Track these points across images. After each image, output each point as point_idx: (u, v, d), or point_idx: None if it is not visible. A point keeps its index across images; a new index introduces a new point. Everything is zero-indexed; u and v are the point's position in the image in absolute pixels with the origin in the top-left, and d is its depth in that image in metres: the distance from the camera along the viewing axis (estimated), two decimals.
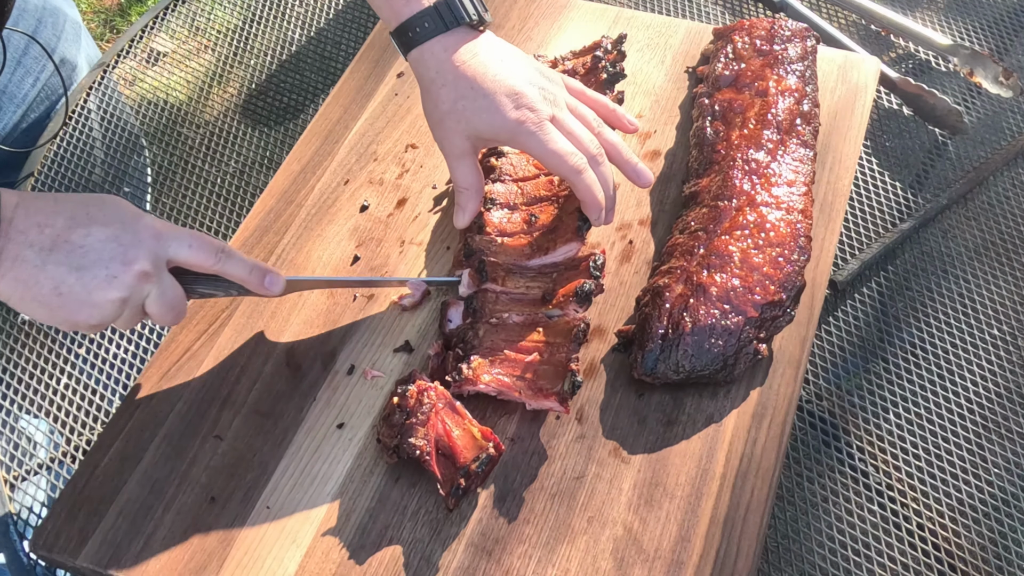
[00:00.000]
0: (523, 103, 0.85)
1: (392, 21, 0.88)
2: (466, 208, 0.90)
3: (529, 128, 0.85)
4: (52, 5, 1.20)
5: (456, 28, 0.87)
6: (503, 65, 0.87)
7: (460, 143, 0.88)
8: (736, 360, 0.86)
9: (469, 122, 0.86)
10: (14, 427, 0.99)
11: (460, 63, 0.86)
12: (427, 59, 0.87)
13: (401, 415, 0.81)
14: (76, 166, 1.20)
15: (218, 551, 0.80)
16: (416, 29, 0.87)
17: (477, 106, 0.85)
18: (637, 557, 0.78)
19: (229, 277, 0.82)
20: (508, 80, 0.86)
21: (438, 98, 0.87)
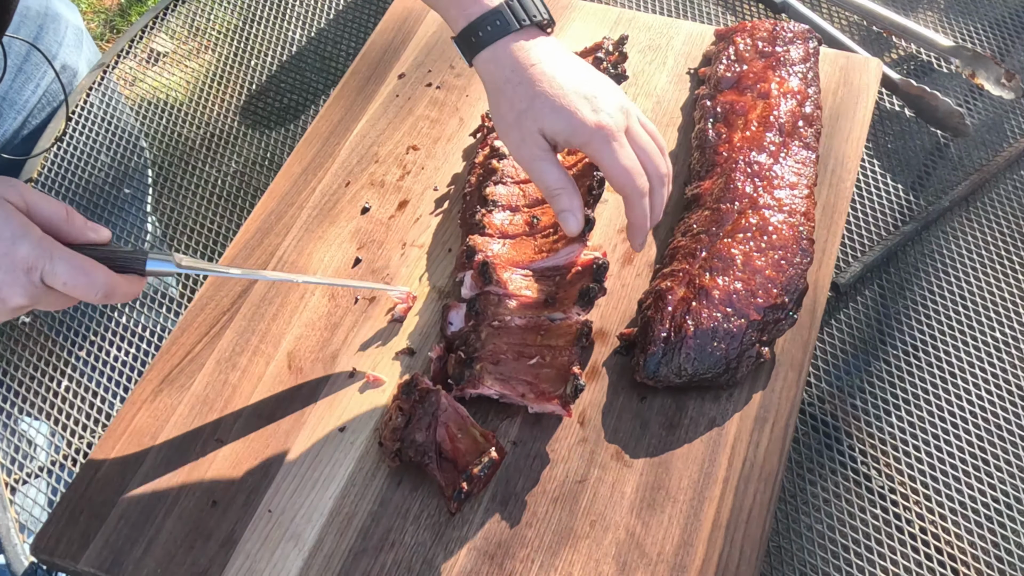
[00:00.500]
0: (601, 107, 0.82)
1: (460, 21, 0.84)
2: (572, 207, 0.84)
3: (606, 135, 0.82)
4: (54, 11, 1.20)
5: (527, 26, 0.83)
6: (577, 67, 0.84)
7: (539, 143, 0.83)
8: (738, 363, 0.86)
9: (546, 120, 0.82)
10: (15, 430, 0.99)
11: (535, 61, 0.83)
12: (500, 57, 0.83)
13: (403, 418, 0.81)
14: (76, 167, 1.19)
15: (220, 555, 0.79)
16: (487, 28, 0.83)
17: (555, 105, 0.81)
18: (640, 561, 0.78)
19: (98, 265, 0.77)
20: (585, 83, 0.83)
21: (514, 97, 0.82)
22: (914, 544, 0.87)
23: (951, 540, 0.87)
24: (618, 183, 0.83)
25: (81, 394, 1.00)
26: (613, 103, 0.83)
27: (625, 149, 0.83)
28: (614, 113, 0.83)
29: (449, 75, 1.13)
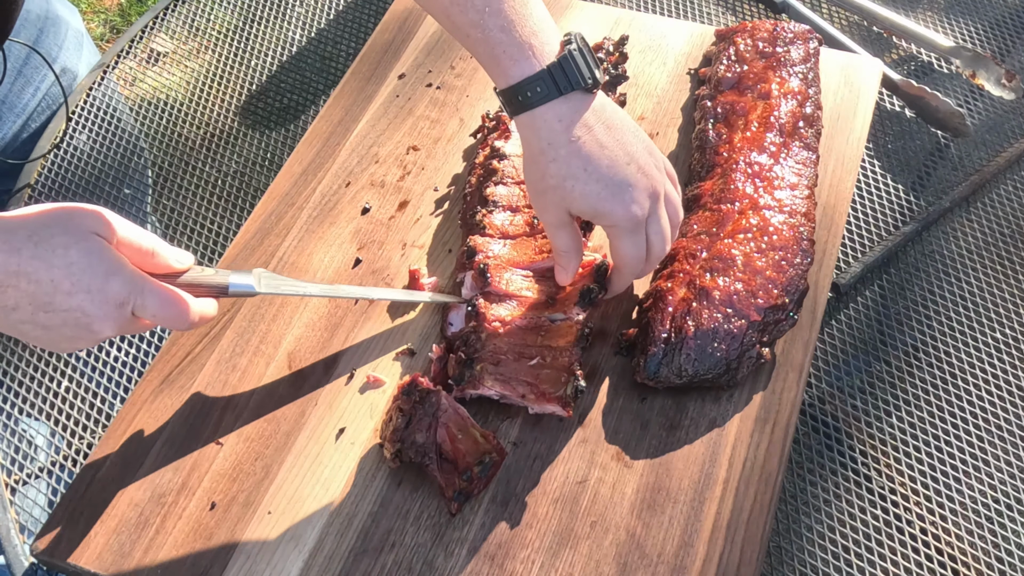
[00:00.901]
0: (633, 199, 0.81)
1: (500, 82, 0.81)
2: (568, 268, 0.87)
3: (628, 228, 0.82)
4: (54, 14, 1.20)
5: (570, 93, 0.80)
6: (617, 144, 0.81)
7: (561, 215, 0.83)
8: (739, 364, 0.86)
9: (574, 202, 0.81)
10: (14, 430, 0.98)
11: (574, 137, 0.80)
12: (538, 126, 0.80)
13: (403, 419, 0.81)
14: (76, 167, 1.19)
15: (220, 556, 0.79)
16: (527, 93, 0.79)
17: (586, 191, 0.80)
18: (640, 562, 0.78)
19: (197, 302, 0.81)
20: (621, 168, 0.81)
21: (546, 172, 0.81)
22: (914, 544, 0.87)
23: (951, 540, 0.87)
24: (618, 262, 0.86)
25: (81, 394, 1.00)
26: (645, 191, 0.82)
27: (639, 239, 0.84)
28: (644, 204, 0.82)
29: (449, 75, 1.13)
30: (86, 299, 0.73)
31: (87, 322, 0.73)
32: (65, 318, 0.73)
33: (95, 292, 0.73)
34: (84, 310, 0.73)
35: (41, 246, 0.72)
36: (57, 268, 0.72)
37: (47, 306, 0.72)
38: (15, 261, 0.71)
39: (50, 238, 0.72)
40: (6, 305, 0.72)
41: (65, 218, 0.74)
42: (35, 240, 0.72)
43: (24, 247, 0.71)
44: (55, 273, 0.72)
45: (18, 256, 0.71)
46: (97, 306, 0.73)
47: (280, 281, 0.85)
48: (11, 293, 0.72)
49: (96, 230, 0.74)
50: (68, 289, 0.72)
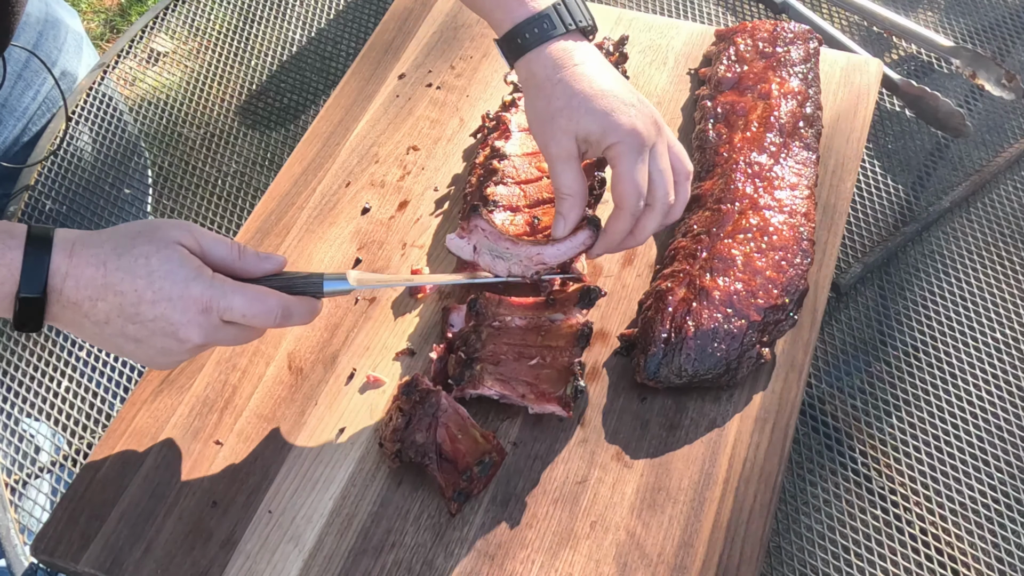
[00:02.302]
0: (637, 115, 0.82)
1: (506, 24, 0.85)
2: (568, 217, 0.85)
3: (634, 143, 0.82)
4: (54, 17, 1.19)
5: (572, 31, 0.85)
6: (616, 77, 0.85)
7: (568, 145, 0.83)
8: (739, 364, 0.86)
9: (582, 121, 0.82)
10: (15, 430, 0.98)
11: (578, 62, 0.83)
12: (543, 58, 0.84)
13: (403, 419, 0.81)
14: (76, 168, 1.19)
15: (220, 556, 0.79)
16: (533, 30, 0.84)
17: (593, 106, 0.82)
18: (640, 562, 0.78)
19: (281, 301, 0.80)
20: (624, 91, 0.83)
21: (552, 94, 0.83)
22: (914, 544, 0.87)
23: (951, 540, 0.87)
24: (618, 192, 0.83)
25: (81, 394, 1.00)
26: (648, 116, 0.84)
27: (644, 165, 0.83)
28: (648, 126, 0.83)
29: (449, 75, 1.13)
30: (168, 307, 0.73)
31: (173, 330, 0.74)
32: (153, 328, 0.74)
33: (176, 299, 0.73)
34: (168, 318, 0.74)
35: (124, 257, 0.73)
36: (140, 278, 0.73)
37: (134, 317, 0.73)
38: (101, 274, 0.73)
39: (132, 248, 0.74)
40: (99, 319, 0.74)
41: (148, 230, 0.75)
42: (119, 252, 0.73)
43: (109, 259, 0.73)
44: (138, 283, 0.73)
45: (104, 268, 0.73)
46: (180, 312, 0.74)
47: (371, 276, 0.85)
48: (101, 307, 0.73)
49: (179, 240, 0.75)
50: (151, 298, 0.73)
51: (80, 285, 0.73)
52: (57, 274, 0.72)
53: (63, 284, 0.72)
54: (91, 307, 0.73)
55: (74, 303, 0.73)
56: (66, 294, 0.73)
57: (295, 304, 0.79)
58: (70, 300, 0.73)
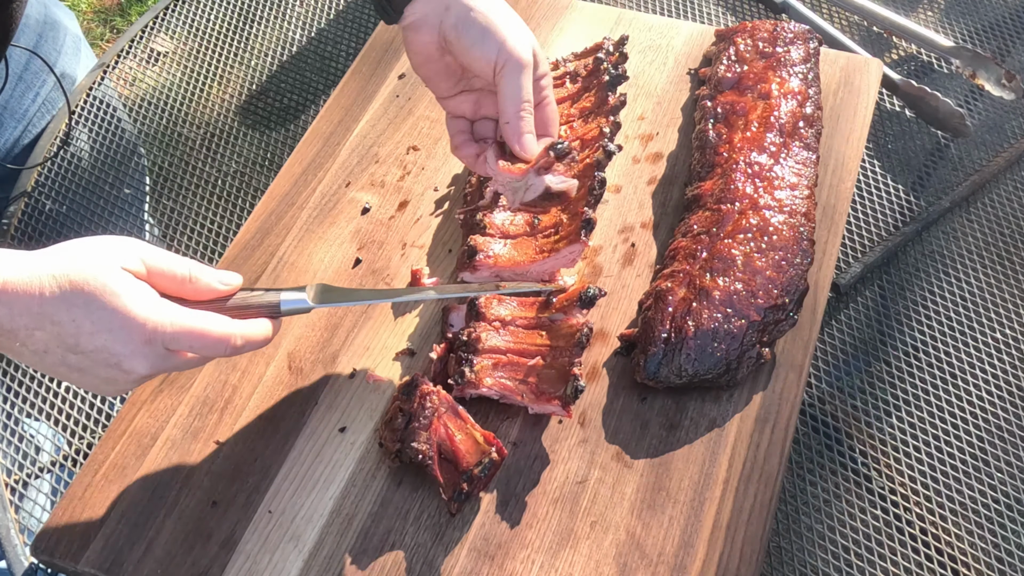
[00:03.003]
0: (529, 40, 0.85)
1: None
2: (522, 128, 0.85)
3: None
4: (53, 19, 1.20)
5: None
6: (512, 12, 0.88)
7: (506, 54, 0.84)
8: (739, 364, 0.86)
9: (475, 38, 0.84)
10: (15, 431, 0.98)
11: None
12: None
13: (403, 419, 0.81)
14: (76, 168, 1.19)
15: (220, 556, 0.79)
16: None
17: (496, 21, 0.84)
18: (640, 562, 0.78)
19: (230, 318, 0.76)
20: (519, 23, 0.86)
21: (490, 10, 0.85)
22: (914, 544, 0.87)
23: (951, 540, 0.87)
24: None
25: (81, 394, 1.00)
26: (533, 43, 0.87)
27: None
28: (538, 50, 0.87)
29: None
30: (109, 338, 0.69)
31: (116, 361, 0.70)
32: (95, 359, 0.70)
33: (117, 330, 0.69)
34: (109, 349, 0.70)
35: (61, 284, 0.68)
36: (77, 307, 0.68)
37: (74, 348, 0.69)
38: (37, 303, 0.68)
39: (70, 274, 0.69)
40: (37, 349, 0.69)
41: (88, 253, 0.71)
42: (57, 279, 0.69)
43: (46, 287, 0.68)
44: (75, 312, 0.68)
45: (40, 298, 0.68)
46: (122, 344, 0.70)
47: (334, 293, 0.81)
48: (39, 336, 0.69)
49: (122, 263, 0.71)
50: (90, 329, 0.69)
51: (14, 313, 0.68)
52: None
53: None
54: (27, 336, 0.69)
55: (9, 331, 0.68)
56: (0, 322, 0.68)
57: (247, 331, 0.75)
58: (4, 328, 0.68)
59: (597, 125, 0.98)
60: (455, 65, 0.88)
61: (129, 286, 0.70)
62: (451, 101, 0.90)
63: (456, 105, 0.90)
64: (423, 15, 0.85)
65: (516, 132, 0.85)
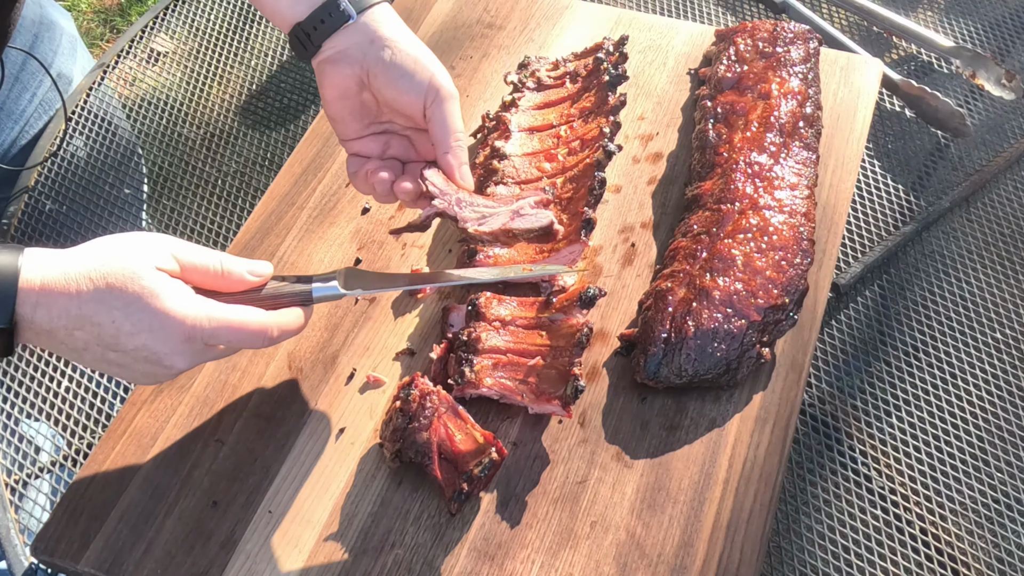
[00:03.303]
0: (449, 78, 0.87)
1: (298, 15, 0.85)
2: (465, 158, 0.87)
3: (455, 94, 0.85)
4: (49, 19, 1.19)
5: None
6: None
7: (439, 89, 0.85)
8: (739, 364, 0.86)
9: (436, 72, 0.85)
10: (15, 431, 0.98)
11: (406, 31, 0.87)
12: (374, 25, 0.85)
13: (403, 419, 0.81)
14: (75, 168, 1.19)
15: (220, 556, 0.79)
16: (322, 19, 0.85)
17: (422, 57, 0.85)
18: (640, 562, 0.78)
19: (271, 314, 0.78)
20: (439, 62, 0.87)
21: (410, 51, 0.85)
22: (914, 544, 0.87)
23: (951, 540, 0.87)
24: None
25: (81, 394, 1.00)
26: None
27: None
28: None
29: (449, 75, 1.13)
30: (149, 338, 0.71)
31: (156, 359, 0.72)
32: (135, 356, 0.72)
33: (157, 330, 0.71)
34: (150, 348, 0.71)
35: (99, 287, 0.70)
36: (116, 309, 0.70)
37: (114, 346, 0.71)
38: (76, 305, 0.69)
39: (107, 277, 0.70)
40: (76, 347, 0.71)
41: (123, 253, 0.72)
42: (94, 281, 0.70)
43: (83, 289, 0.70)
44: (115, 315, 0.70)
45: (78, 299, 0.69)
46: (162, 343, 0.71)
47: (364, 278, 0.82)
48: (79, 335, 0.70)
49: (157, 262, 0.72)
50: (129, 330, 0.70)
51: (53, 314, 0.69)
52: (27, 302, 0.68)
53: (34, 313, 0.69)
54: (67, 335, 0.70)
55: (48, 331, 0.70)
56: (38, 322, 0.69)
57: (282, 321, 0.76)
58: (43, 328, 0.69)
59: (597, 125, 0.98)
60: (371, 102, 0.87)
61: (166, 286, 0.72)
62: (357, 143, 0.88)
63: (362, 146, 0.88)
64: (344, 49, 0.84)
65: (457, 161, 0.85)
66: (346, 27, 0.84)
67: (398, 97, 0.85)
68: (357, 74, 0.85)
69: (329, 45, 0.85)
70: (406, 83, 0.84)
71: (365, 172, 0.87)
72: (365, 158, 0.89)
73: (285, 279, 0.80)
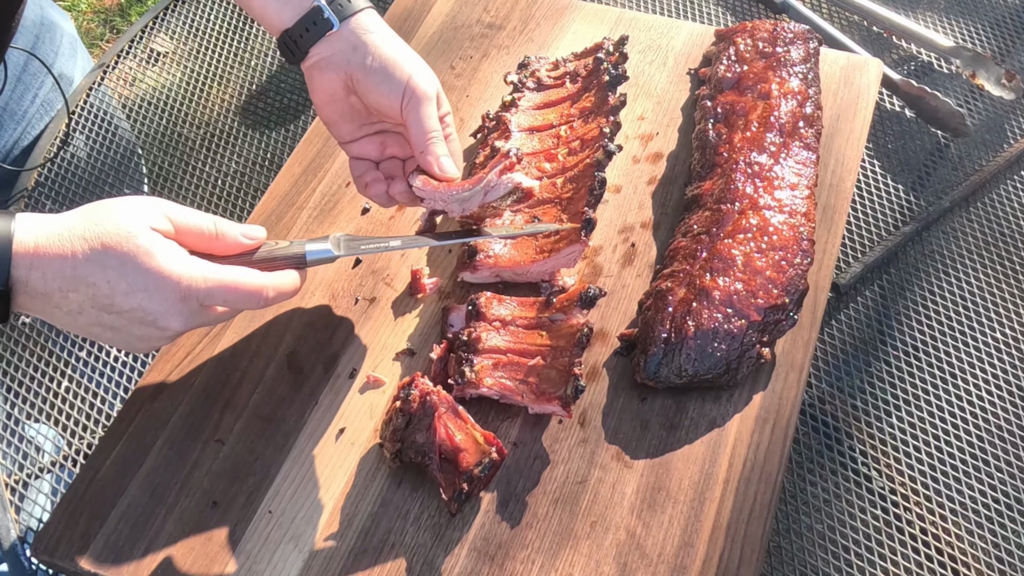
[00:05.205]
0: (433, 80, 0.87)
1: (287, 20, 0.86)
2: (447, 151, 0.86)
3: (427, 96, 0.84)
4: (49, 20, 1.20)
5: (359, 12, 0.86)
6: None
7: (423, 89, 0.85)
8: (739, 364, 0.86)
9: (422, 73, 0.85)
10: (15, 431, 0.98)
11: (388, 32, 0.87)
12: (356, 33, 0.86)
13: (403, 419, 0.81)
14: (76, 168, 1.19)
15: (220, 556, 0.79)
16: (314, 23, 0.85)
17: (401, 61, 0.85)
18: (640, 562, 0.78)
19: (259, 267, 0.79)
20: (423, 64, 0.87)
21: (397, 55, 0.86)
22: (914, 544, 0.87)
23: (951, 540, 0.87)
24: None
25: (81, 394, 1.00)
26: None
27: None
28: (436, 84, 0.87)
29: (449, 75, 1.13)
30: (144, 297, 0.71)
31: (151, 319, 0.72)
32: (130, 317, 0.71)
33: (152, 289, 0.71)
34: (145, 308, 0.71)
35: (93, 245, 0.70)
36: (111, 269, 0.70)
37: (109, 308, 0.71)
38: (70, 265, 0.69)
39: (102, 237, 0.70)
40: (71, 310, 0.71)
41: (117, 214, 0.71)
42: (88, 241, 0.70)
43: (78, 249, 0.69)
44: (110, 274, 0.70)
45: (73, 260, 0.69)
46: (157, 302, 0.71)
47: (359, 241, 0.83)
48: (73, 297, 0.70)
49: (151, 223, 0.72)
50: (125, 289, 0.70)
51: (48, 276, 0.69)
52: (21, 265, 0.69)
53: (28, 275, 0.69)
54: (62, 298, 0.70)
55: (43, 294, 0.70)
56: (32, 285, 0.69)
57: (277, 282, 0.77)
58: (38, 291, 0.70)
59: (597, 125, 0.99)
60: (360, 106, 0.88)
61: (161, 245, 0.72)
62: (355, 145, 0.89)
63: (360, 148, 0.90)
64: (328, 55, 0.85)
65: (433, 157, 0.85)
66: (330, 34, 0.85)
67: (380, 100, 0.85)
68: (342, 79, 0.85)
69: (315, 51, 0.85)
70: (385, 87, 0.84)
71: (364, 184, 0.89)
72: (366, 161, 0.89)
73: (279, 243, 0.80)
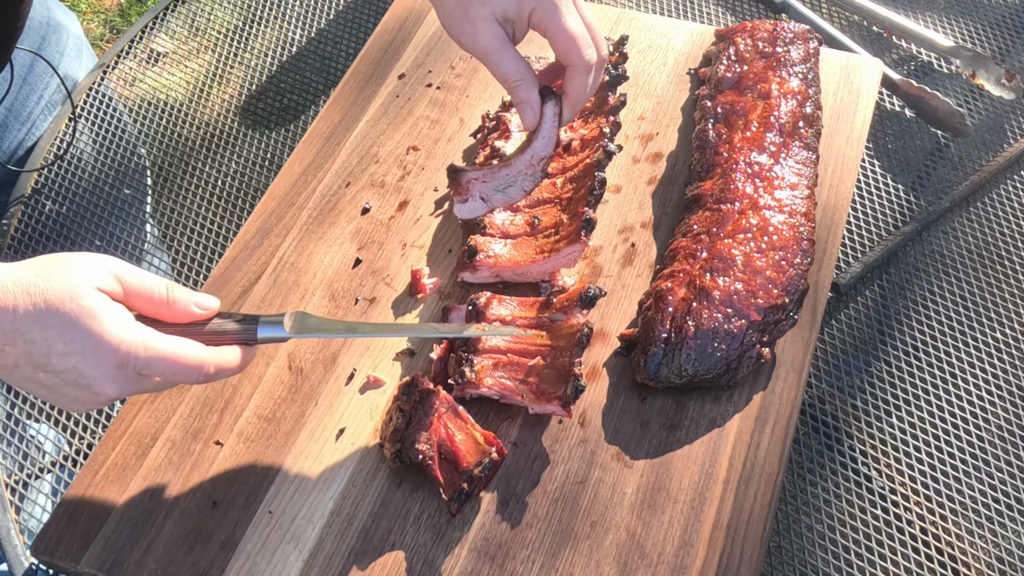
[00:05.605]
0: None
1: None
2: (530, 101, 0.82)
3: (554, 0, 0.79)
4: (55, 21, 1.20)
5: None
6: None
7: (495, 31, 0.80)
8: (739, 364, 0.86)
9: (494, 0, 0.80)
10: (15, 431, 0.98)
11: None
12: None
13: (403, 419, 0.81)
14: (76, 168, 1.19)
15: (220, 556, 0.79)
16: None
17: None
18: (640, 562, 0.78)
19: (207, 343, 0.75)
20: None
21: None
22: (914, 544, 0.87)
23: (951, 540, 0.87)
24: (564, 48, 0.81)
25: None
26: None
27: (574, 15, 0.80)
28: None
29: (449, 75, 1.13)
30: (80, 360, 0.68)
31: (86, 383, 0.69)
32: (65, 378, 0.69)
33: (89, 352, 0.68)
34: (80, 371, 0.69)
35: (35, 301, 0.67)
36: (50, 327, 0.67)
37: (44, 366, 0.69)
38: (9, 319, 0.67)
39: (45, 292, 0.68)
40: (6, 363, 0.69)
41: (64, 271, 0.69)
42: (32, 296, 0.68)
43: (20, 303, 0.67)
44: (48, 333, 0.67)
45: (13, 314, 0.67)
46: (93, 367, 0.69)
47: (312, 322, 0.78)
48: (9, 351, 0.68)
49: (98, 283, 0.70)
50: (62, 350, 0.68)
51: None
52: None
53: None
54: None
55: None
56: None
57: (220, 359, 0.74)
58: None
59: (597, 125, 0.99)
60: None
61: (104, 308, 0.69)
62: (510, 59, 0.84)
63: None
64: None
65: None
66: None
67: None
68: None
69: None
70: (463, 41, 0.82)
71: None
72: None
73: (231, 316, 0.77)
